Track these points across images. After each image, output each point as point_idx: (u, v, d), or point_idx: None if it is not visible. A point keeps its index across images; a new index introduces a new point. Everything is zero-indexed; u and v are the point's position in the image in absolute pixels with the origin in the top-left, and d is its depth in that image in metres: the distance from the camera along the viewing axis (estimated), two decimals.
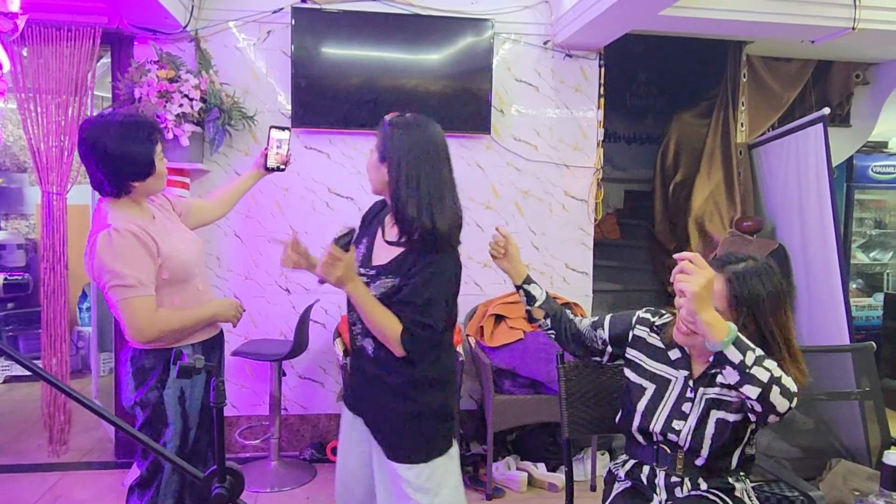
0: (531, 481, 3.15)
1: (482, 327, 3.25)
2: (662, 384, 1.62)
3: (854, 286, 5.13)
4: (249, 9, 3.32)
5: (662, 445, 1.60)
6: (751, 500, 1.61)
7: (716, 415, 1.53)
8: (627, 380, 1.68)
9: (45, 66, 3.04)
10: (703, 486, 1.56)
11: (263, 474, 3.16)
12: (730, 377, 1.34)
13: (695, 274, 1.29)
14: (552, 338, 1.80)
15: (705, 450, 1.53)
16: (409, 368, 1.65)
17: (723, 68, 4.15)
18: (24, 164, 5.41)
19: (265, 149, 2.25)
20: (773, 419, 1.37)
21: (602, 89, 3.63)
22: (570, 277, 3.67)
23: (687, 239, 4.14)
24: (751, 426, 1.54)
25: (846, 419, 2.86)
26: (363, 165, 1.79)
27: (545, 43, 3.57)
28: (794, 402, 1.35)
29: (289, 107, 3.35)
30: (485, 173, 3.57)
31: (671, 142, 4.51)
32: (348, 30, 3.32)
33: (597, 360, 1.79)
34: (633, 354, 1.69)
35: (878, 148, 5.31)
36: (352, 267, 1.59)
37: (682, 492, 1.57)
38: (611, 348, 1.74)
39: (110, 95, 3.28)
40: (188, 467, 1.04)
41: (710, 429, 1.52)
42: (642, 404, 1.62)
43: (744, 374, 1.32)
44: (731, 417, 1.51)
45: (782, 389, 1.33)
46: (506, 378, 3.10)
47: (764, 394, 1.32)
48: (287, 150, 2.27)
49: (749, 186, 4.16)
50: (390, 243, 1.68)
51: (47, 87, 3.06)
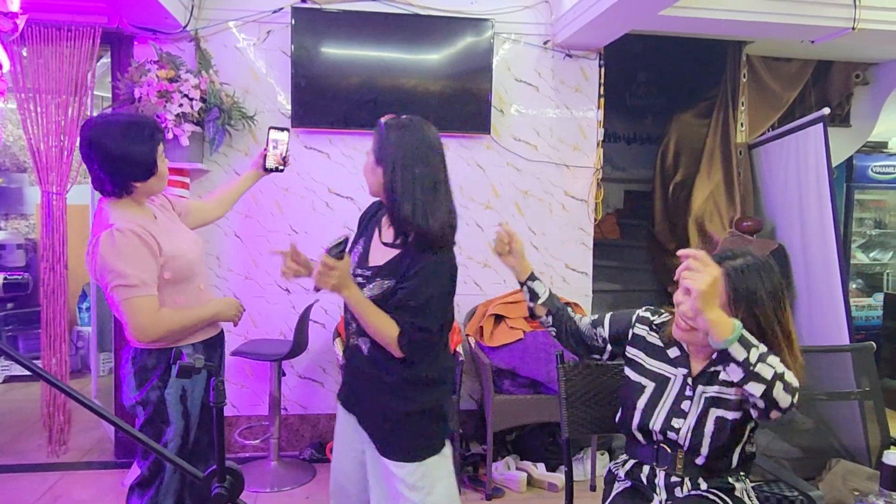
0: (531, 481, 3.15)
1: (482, 327, 3.25)
2: (662, 382, 1.62)
3: (854, 286, 5.13)
4: (249, 9, 3.32)
5: (662, 445, 1.60)
6: (750, 500, 1.60)
7: (715, 413, 1.53)
8: (627, 378, 1.68)
9: (44, 65, 3.04)
10: (703, 486, 1.56)
11: (263, 474, 3.16)
12: (733, 374, 1.34)
13: (701, 271, 1.28)
14: (553, 335, 1.80)
15: (705, 448, 1.52)
16: (405, 368, 1.66)
17: (722, 68, 4.15)
18: (23, 163, 5.41)
19: (264, 149, 2.25)
20: (775, 415, 1.37)
21: (602, 89, 3.63)
22: (569, 277, 3.68)
23: (687, 239, 4.14)
24: (750, 424, 1.54)
25: (846, 419, 2.86)
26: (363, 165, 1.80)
27: (545, 43, 3.57)
28: (796, 397, 1.35)
29: (289, 107, 3.35)
30: (485, 173, 3.57)
31: (671, 142, 4.51)
32: (348, 30, 3.33)
33: (596, 357, 1.79)
34: (632, 353, 1.69)
35: (878, 148, 5.31)
36: (347, 274, 1.60)
37: (682, 492, 1.56)
38: (611, 346, 1.74)
39: (110, 95, 3.28)
40: (188, 467, 1.04)
41: (710, 427, 1.52)
42: (642, 402, 1.62)
43: (748, 372, 1.31)
44: (731, 415, 1.51)
45: (785, 385, 1.33)
46: (505, 378, 3.10)
47: (767, 391, 1.32)
48: (286, 150, 2.27)
49: (749, 186, 4.16)
50: (386, 244, 1.69)
51: (47, 87, 3.06)
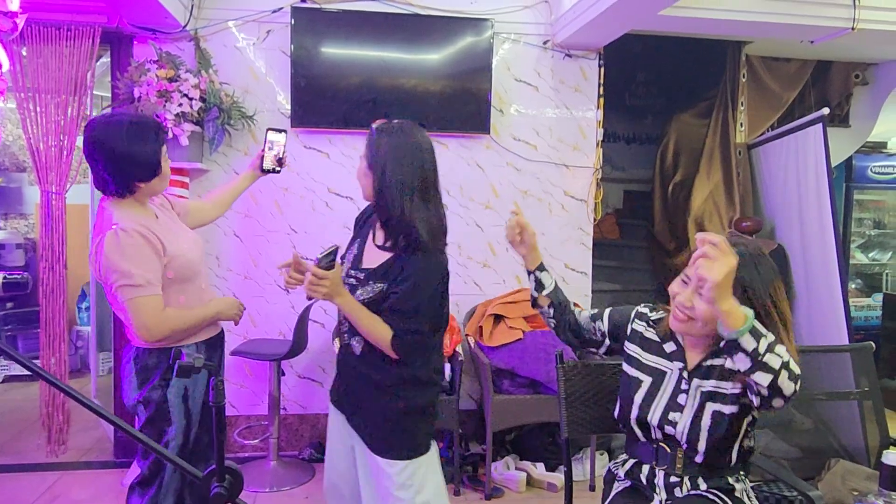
0: (530, 481, 3.15)
1: (481, 327, 3.25)
2: (658, 377, 1.63)
3: (853, 286, 5.13)
4: (249, 8, 3.32)
5: (662, 444, 1.61)
6: (750, 500, 1.60)
7: (712, 407, 1.53)
8: (625, 373, 1.69)
9: (44, 65, 3.04)
10: (703, 486, 1.56)
11: (262, 474, 3.16)
12: (741, 364, 1.33)
13: (718, 259, 1.25)
14: (551, 326, 1.81)
15: (702, 443, 1.53)
16: (397, 368, 1.70)
17: (722, 68, 4.15)
18: (23, 163, 5.41)
19: (262, 150, 2.27)
20: (777, 403, 1.37)
21: (601, 89, 3.63)
22: (569, 277, 3.68)
23: (686, 239, 4.14)
24: (747, 418, 1.54)
25: (845, 419, 2.86)
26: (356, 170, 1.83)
27: (545, 43, 3.57)
28: (798, 384, 1.35)
29: (288, 106, 3.35)
30: (484, 173, 3.57)
31: (670, 142, 4.51)
32: (348, 29, 3.33)
33: (592, 351, 1.81)
34: (630, 348, 1.70)
35: (878, 148, 5.32)
36: (338, 283, 1.64)
37: (682, 491, 1.56)
38: (609, 341, 1.75)
39: (110, 95, 3.28)
40: (187, 466, 1.04)
41: (707, 421, 1.52)
42: (639, 397, 1.62)
43: (756, 362, 1.31)
44: (727, 409, 1.52)
45: (790, 374, 1.33)
46: (505, 378, 3.10)
47: (774, 380, 1.32)
48: (283, 151, 2.28)
49: (748, 186, 4.16)
50: (380, 247, 1.73)
51: (47, 87, 3.05)
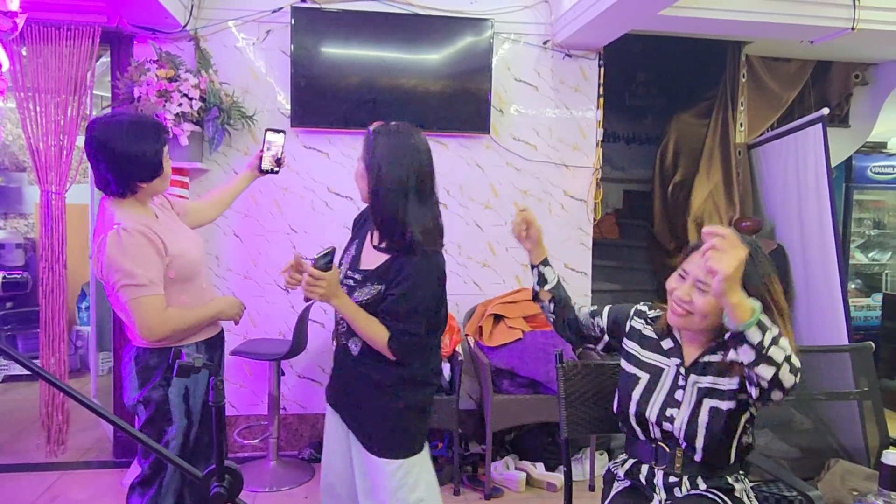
0: (530, 481, 3.15)
1: (481, 327, 3.25)
2: (656, 373, 1.63)
3: (853, 286, 5.14)
4: (249, 8, 3.32)
5: (661, 444, 1.61)
6: (750, 500, 1.61)
7: (709, 403, 1.54)
8: (623, 370, 1.70)
9: (44, 65, 3.04)
10: (703, 485, 1.56)
11: (262, 474, 3.16)
12: (745, 356, 1.33)
13: (728, 252, 1.24)
14: (550, 321, 1.82)
15: (700, 440, 1.53)
16: (395, 368, 1.71)
17: (722, 68, 4.15)
18: (22, 163, 5.41)
19: (260, 150, 2.27)
20: (777, 396, 1.37)
21: (601, 89, 3.63)
22: (569, 277, 3.67)
23: (686, 239, 4.14)
24: (745, 415, 1.55)
25: (845, 419, 2.87)
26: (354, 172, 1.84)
27: (545, 43, 3.57)
28: (798, 377, 1.36)
29: (288, 106, 3.35)
30: (484, 173, 3.57)
31: (670, 142, 4.51)
32: (348, 29, 3.32)
33: (590, 347, 1.82)
34: (629, 345, 1.71)
35: (877, 148, 5.33)
36: (335, 284, 1.64)
37: (681, 491, 1.57)
38: (607, 337, 1.76)
39: (109, 95, 3.28)
40: (187, 466, 1.04)
41: (704, 418, 1.53)
42: (637, 393, 1.63)
43: (760, 355, 1.31)
44: (725, 405, 1.52)
45: (791, 367, 1.34)
46: (504, 378, 3.10)
47: (776, 374, 1.33)
48: (281, 152, 2.29)
49: (748, 187, 4.16)
50: (377, 248, 1.74)
51: (46, 87, 3.05)
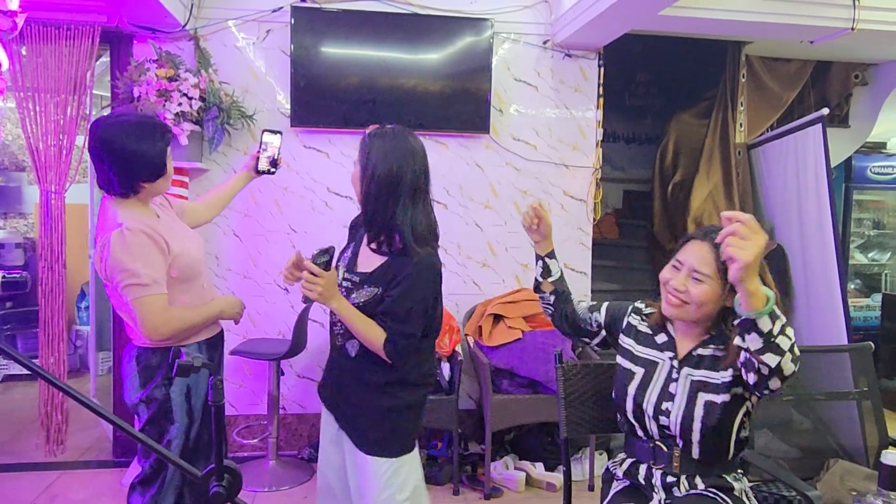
0: (529, 481, 3.15)
1: (481, 327, 3.25)
2: (650, 367, 1.65)
3: (852, 287, 5.14)
4: (249, 8, 3.32)
5: (659, 443, 1.61)
6: (749, 499, 1.61)
7: (703, 397, 1.54)
8: (619, 366, 1.71)
9: (44, 64, 3.03)
10: (701, 485, 1.56)
11: (261, 473, 3.16)
12: (752, 343, 1.33)
13: (749, 239, 1.23)
14: (548, 313, 1.85)
15: (696, 434, 1.53)
16: (391, 370, 1.72)
17: (722, 68, 4.14)
18: (22, 162, 5.41)
19: (257, 151, 2.27)
20: (774, 384, 1.38)
21: (601, 89, 3.63)
22: (568, 277, 3.59)
23: None
24: (742, 409, 1.55)
25: (844, 419, 2.87)
26: (351, 175, 1.85)
27: (544, 43, 3.57)
28: (798, 366, 1.36)
29: (288, 106, 3.35)
30: (484, 173, 3.57)
31: (670, 142, 4.51)
32: (347, 29, 3.32)
33: (586, 341, 1.84)
34: (625, 341, 1.73)
35: (877, 148, 5.32)
36: (333, 285, 1.65)
37: (680, 491, 1.57)
38: (604, 333, 1.78)
39: (109, 94, 3.28)
40: (186, 466, 1.04)
41: (699, 411, 1.54)
42: (632, 388, 1.65)
43: (768, 343, 1.31)
44: (719, 399, 1.53)
45: (793, 356, 1.35)
46: (504, 378, 3.10)
47: (779, 362, 1.33)
48: (277, 153, 2.29)
49: (748, 187, 4.16)
50: (373, 250, 1.74)
51: (46, 86, 3.05)
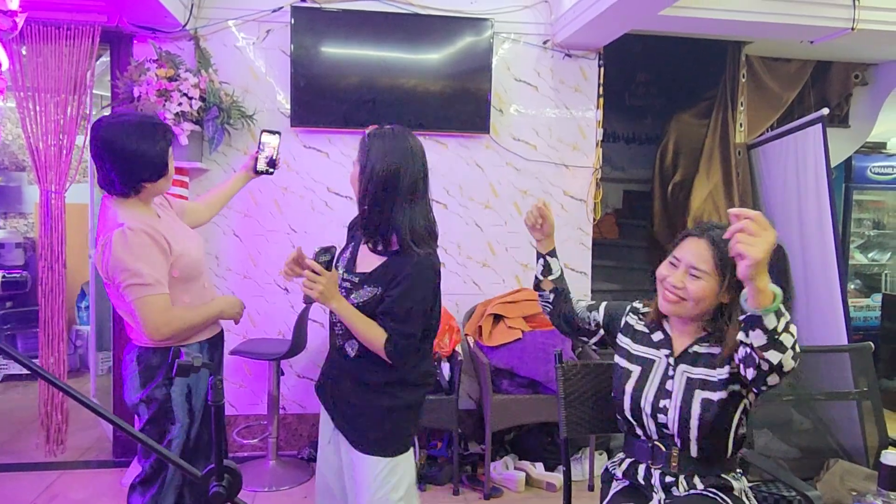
0: (529, 481, 3.15)
1: (481, 327, 3.25)
2: (647, 366, 1.65)
3: (852, 287, 5.14)
4: (249, 8, 3.32)
5: (657, 443, 1.61)
6: (749, 499, 1.61)
7: (700, 395, 1.55)
8: (617, 365, 1.71)
9: (44, 64, 3.03)
10: (700, 485, 1.56)
11: (261, 473, 3.16)
12: (756, 339, 1.33)
13: (759, 236, 1.22)
14: (547, 311, 1.85)
15: (693, 431, 1.54)
16: (390, 370, 1.72)
17: (722, 68, 4.14)
18: (22, 162, 5.41)
19: (256, 151, 2.27)
20: (773, 380, 1.38)
21: (601, 89, 3.63)
22: (568, 277, 3.61)
23: None
24: (740, 407, 1.55)
25: (844, 419, 2.87)
26: (350, 175, 1.86)
27: (545, 43, 3.57)
28: (798, 362, 1.36)
29: (288, 106, 3.35)
30: (484, 173, 3.57)
31: (670, 142, 4.51)
32: (347, 29, 3.32)
33: (584, 339, 1.85)
34: (623, 341, 1.73)
35: (877, 149, 5.32)
36: (334, 285, 1.65)
37: (679, 491, 1.57)
38: (602, 332, 1.79)
39: (109, 94, 3.28)
40: (186, 466, 1.04)
41: (696, 409, 1.54)
42: (630, 386, 1.65)
43: (772, 340, 1.31)
44: (716, 396, 1.53)
45: (794, 353, 1.35)
46: (504, 378, 3.10)
47: (781, 359, 1.33)
48: (276, 153, 2.29)
49: (748, 187, 4.16)
50: (371, 250, 1.75)
51: (46, 86, 3.05)
